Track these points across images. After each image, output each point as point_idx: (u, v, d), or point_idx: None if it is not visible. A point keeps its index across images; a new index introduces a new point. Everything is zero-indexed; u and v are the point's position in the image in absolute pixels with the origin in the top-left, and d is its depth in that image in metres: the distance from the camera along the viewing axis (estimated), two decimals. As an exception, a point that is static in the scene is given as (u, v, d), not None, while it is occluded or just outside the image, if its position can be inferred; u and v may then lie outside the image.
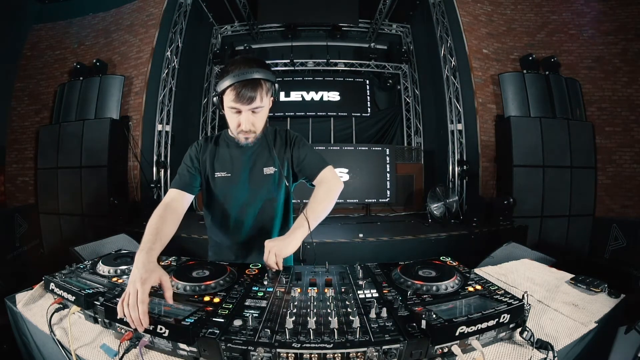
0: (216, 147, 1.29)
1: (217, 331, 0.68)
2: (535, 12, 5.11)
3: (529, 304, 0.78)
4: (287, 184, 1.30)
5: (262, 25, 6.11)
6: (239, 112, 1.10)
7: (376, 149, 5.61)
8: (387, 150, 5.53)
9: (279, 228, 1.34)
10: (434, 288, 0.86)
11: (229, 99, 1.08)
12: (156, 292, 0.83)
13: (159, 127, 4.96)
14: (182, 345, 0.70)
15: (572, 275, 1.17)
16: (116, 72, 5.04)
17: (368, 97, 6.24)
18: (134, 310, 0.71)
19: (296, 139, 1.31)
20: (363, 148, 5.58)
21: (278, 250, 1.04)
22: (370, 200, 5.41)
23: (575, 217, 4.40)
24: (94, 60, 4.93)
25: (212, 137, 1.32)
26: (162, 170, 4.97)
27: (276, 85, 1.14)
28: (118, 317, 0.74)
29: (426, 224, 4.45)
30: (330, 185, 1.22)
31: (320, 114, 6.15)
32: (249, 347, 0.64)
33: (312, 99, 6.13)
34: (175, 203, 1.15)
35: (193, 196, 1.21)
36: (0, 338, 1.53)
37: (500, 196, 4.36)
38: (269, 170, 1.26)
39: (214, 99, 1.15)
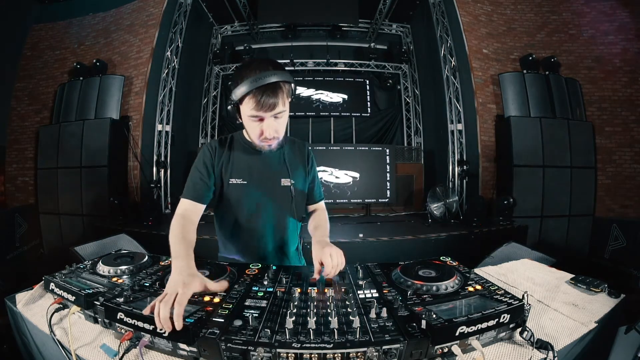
0: (231, 152, 1.22)
1: (217, 331, 0.68)
2: (535, 12, 5.10)
3: (529, 304, 0.78)
4: (301, 198, 1.28)
5: (262, 25, 6.11)
6: (261, 119, 1.04)
7: (376, 149, 5.60)
8: (387, 150, 5.53)
9: (290, 241, 1.32)
10: (434, 288, 0.86)
11: (248, 107, 1.01)
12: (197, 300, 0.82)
13: (159, 127, 4.96)
14: (182, 345, 0.70)
15: (572, 275, 1.17)
16: (116, 72, 5.03)
17: (368, 97, 6.23)
18: (167, 308, 0.70)
19: (314, 159, 1.35)
20: (363, 148, 5.57)
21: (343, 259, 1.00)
22: (370, 200, 5.41)
23: (575, 217, 4.39)
24: (94, 60, 4.93)
25: (227, 139, 1.25)
26: (162, 170, 4.97)
27: (293, 85, 1.06)
28: (145, 313, 0.72)
29: (426, 224, 4.44)
30: (326, 214, 1.35)
31: (321, 114, 6.15)
32: (249, 347, 0.64)
33: (313, 99, 6.13)
34: (190, 213, 1.10)
35: (205, 206, 1.15)
36: (0, 338, 1.53)
37: (500, 196, 4.35)
38: (286, 182, 1.23)
39: (229, 108, 1.07)
